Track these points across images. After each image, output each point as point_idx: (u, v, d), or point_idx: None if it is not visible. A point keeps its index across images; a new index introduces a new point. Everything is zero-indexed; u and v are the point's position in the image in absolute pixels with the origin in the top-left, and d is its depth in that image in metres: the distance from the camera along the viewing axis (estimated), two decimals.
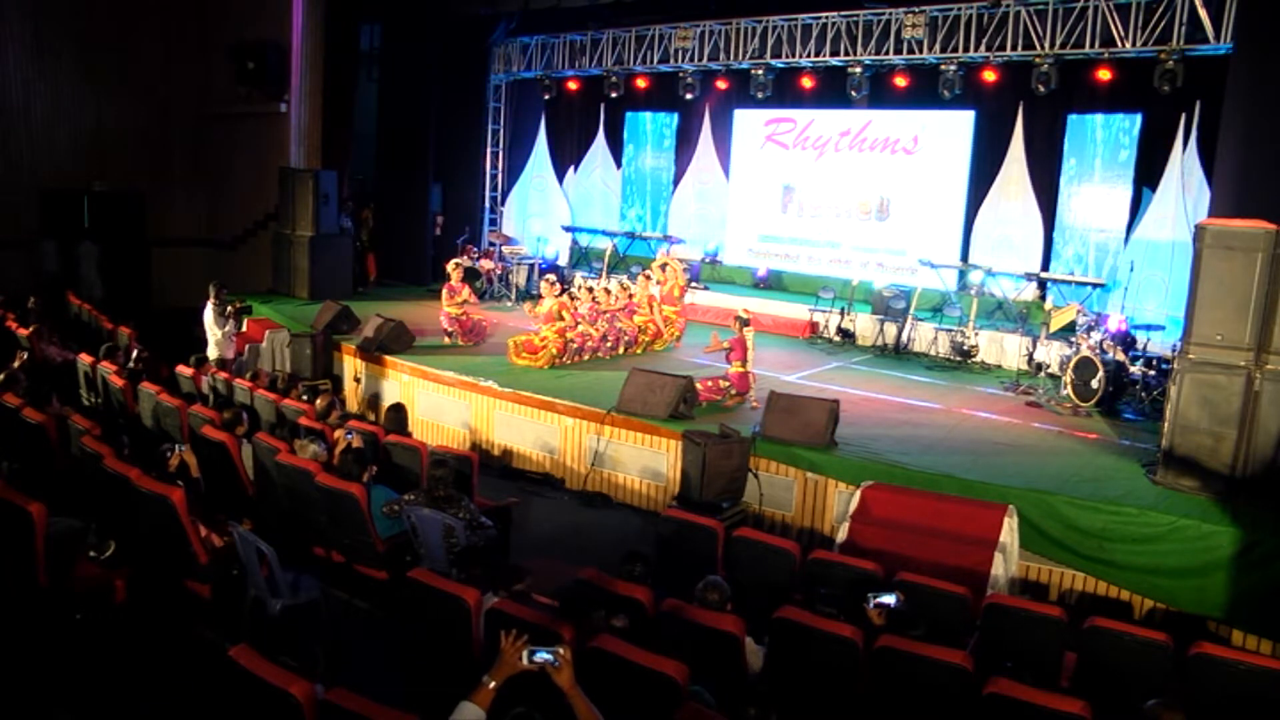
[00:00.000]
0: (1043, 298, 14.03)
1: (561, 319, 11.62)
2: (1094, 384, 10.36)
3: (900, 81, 14.15)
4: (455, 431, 10.81)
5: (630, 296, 12.98)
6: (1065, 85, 12.59)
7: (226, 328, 11.06)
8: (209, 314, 11.11)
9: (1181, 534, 7.04)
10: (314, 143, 15.50)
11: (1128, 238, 12.97)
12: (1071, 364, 10.67)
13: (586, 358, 11.97)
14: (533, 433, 10.19)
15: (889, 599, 4.76)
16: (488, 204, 19.15)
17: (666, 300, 13.32)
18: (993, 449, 8.90)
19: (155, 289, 18.07)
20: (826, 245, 16.66)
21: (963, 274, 14.56)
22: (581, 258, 18.80)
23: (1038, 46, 12.35)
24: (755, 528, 8.57)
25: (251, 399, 9.07)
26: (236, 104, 17.51)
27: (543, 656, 3.35)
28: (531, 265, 17.59)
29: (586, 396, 10.11)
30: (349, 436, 7.21)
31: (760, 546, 6.14)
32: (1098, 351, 10.51)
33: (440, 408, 10.96)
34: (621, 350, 12.53)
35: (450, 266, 12.70)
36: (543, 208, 19.25)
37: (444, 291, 12.54)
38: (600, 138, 19.10)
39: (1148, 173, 12.88)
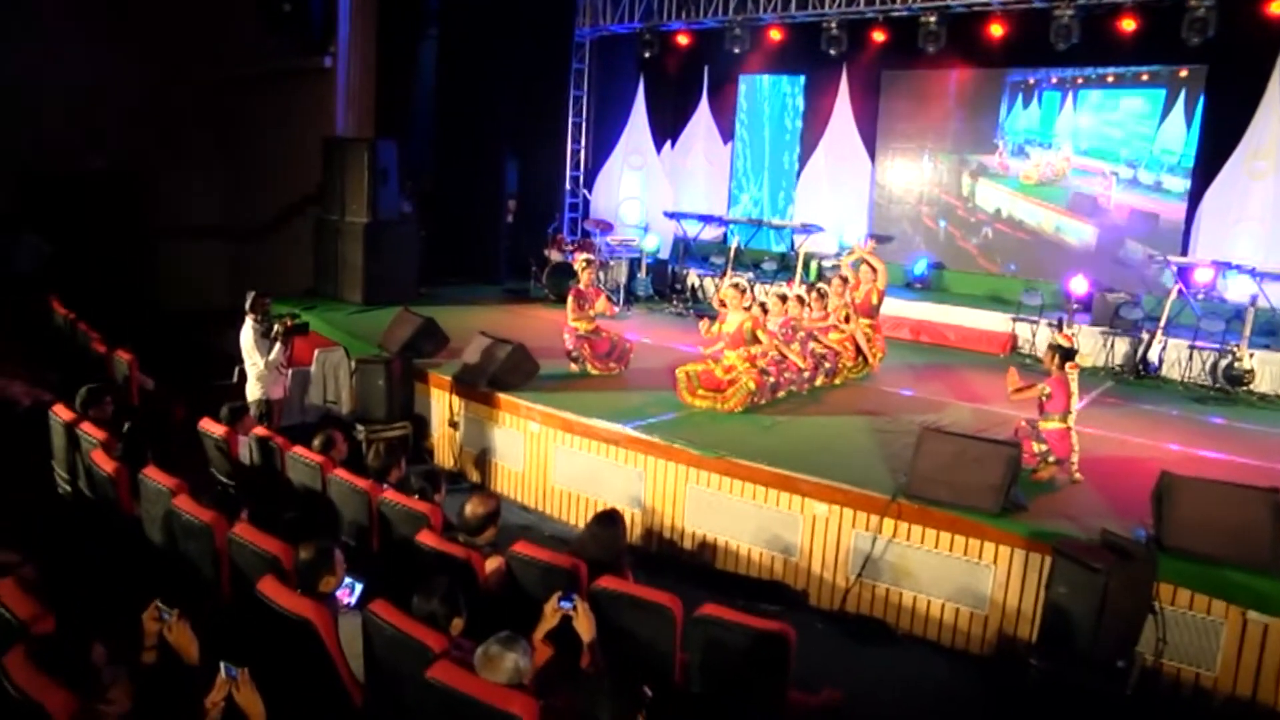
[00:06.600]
0: None
1: (758, 341, 7.96)
2: None
3: None
4: (619, 510, 7.13)
5: (824, 305, 9.35)
6: None
7: (273, 354, 7.31)
8: (248, 335, 7.33)
9: None
10: (367, 106, 11.96)
11: None
12: None
13: (782, 394, 8.33)
14: (755, 521, 6.54)
15: None
16: (568, 185, 15.48)
17: (861, 310, 9.67)
18: None
19: (161, 294, 14.44)
20: (1016, 232, 13.09)
21: None
22: (686, 250, 15.17)
23: None
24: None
25: (324, 485, 5.40)
26: (267, 59, 13.62)
27: None
28: (635, 260, 14.00)
29: (829, 463, 6.51)
30: (565, 606, 3.53)
31: None
32: None
33: (593, 474, 7.29)
34: (819, 381, 8.90)
35: (579, 264, 8.97)
36: (639, 190, 15.61)
37: (570, 300, 8.83)
38: (704, 106, 15.51)
39: None
